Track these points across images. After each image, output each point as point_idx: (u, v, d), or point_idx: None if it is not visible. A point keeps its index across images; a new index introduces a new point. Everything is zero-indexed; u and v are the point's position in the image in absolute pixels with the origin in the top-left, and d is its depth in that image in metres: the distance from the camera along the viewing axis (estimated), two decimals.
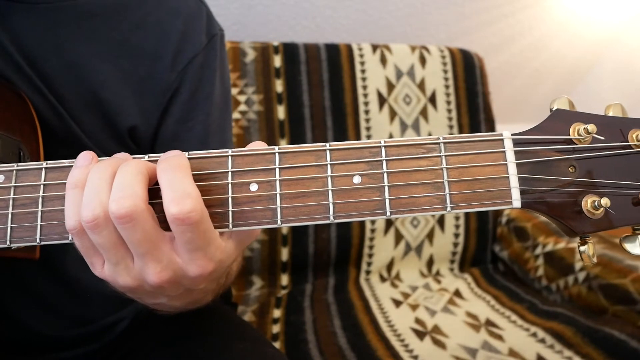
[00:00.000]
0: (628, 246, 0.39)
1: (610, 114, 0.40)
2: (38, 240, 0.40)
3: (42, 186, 0.40)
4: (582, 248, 0.39)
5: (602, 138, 0.39)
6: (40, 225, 0.40)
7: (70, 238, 0.40)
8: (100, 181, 0.37)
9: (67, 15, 0.59)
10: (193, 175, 0.38)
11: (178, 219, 0.36)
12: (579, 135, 0.39)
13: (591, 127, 0.38)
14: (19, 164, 0.41)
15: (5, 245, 0.41)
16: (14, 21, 0.57)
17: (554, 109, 0.40)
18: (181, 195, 0.36)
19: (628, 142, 0.39)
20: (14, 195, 0.41)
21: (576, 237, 0.40)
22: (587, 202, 0.38)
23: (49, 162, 0.41)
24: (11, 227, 0.40)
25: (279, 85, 1.31)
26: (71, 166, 0.40)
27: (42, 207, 0.40)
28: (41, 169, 0.41)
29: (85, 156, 0.40)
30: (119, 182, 0.37)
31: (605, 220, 0.39)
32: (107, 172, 0.38)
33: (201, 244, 0.38)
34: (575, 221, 0.39)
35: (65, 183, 0.40)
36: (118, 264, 0.39)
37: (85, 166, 0.39)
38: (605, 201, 0.38)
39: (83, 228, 0.37)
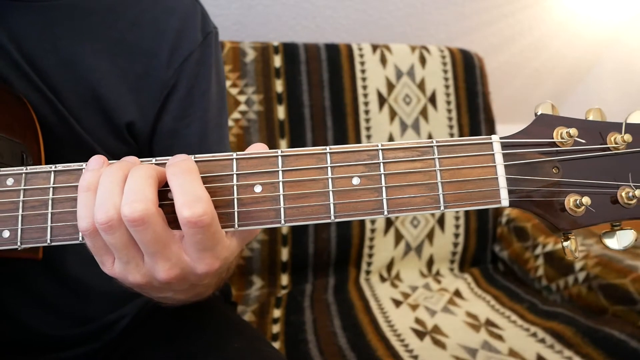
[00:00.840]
0: (607, 241, 0.42)
1: (591, 118, 0.43)
2: (49, 241, 0.41)
3: (51, 189, 0.42)
4: (565, 243, 0.42)
5: (583, 141, 0.41)
6: (51, 226, 0.41)
7: (80, 238, 0.41)
8: (113, 185, 0.38)
9: (64, 13, 0.60)
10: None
11: (191, 222, 0.37)
12: (562, 138, 0.41)
13: (573, 131, 0.41)
14: (29, 167, 0.42)
15: (15, 246, 0.42)
16: (11, 20, 0.57)
17: (538, 114, 0.43)
18: (193, 199, 0.37)
19: (607, 144, 0.42)
20: (23, 197, 0.42)
21: (559, 233, 0.42)
22: (570, 201, 0.41)
23: (58, 165, 0.42)
24: (21, 229, 0.42)
25: (279, 85, 1.31)
26: (80, 169, 0.42)
27: (52, 209, 0.41)
28: (50, 172, 0.42)
29: (97, 160, 0.41)
30: (130, 186, 0.38)
31: (586, 218, 0.41)
32: (119, 175, 0.39)
33: (210, 245, 0.39)
34: (559, 218, 0.41)
35: (74, 186, 0.41)
36: (129, 262, 0.40)
37: (97, 169, 0.40)
38: (586, 200, 0.40)
39: (96, 229, 0.38)
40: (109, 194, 0.38)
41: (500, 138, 0.41)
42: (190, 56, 0.66)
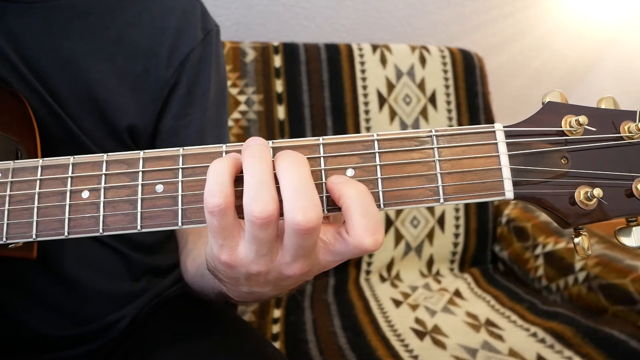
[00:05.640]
0: (623, 239, 0.39)
1: (603, 106, 0.40)
2: (34, 237, 0.40)
3: (38, 183, 0.40)
4: (576, 240, 0.39)
5: (594, 129, 0.39)
6: (37, 221, 0.40)
7: (65, 233, 0.39)
8: (266, 174, 0.35)
9: (62, 14, 0.60)
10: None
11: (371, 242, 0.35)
12: (571, 127, 0.38)
13: (583, 119, 0.38)
14: (16, 161, 0.41)
15: (2, 242, 0.41)
16: (9, 21, 0.57)
17: (545, 102, 0.40)
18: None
19: (620, 133, 0.39)
20: (10, 192, 0.41)
21: (569, 228, 0.39)
22: (580, 193, 0.38)
23: (45, 159, 0.41)
24: (7, 224, 0.40)
25: (279, 85, 1.31)
26: (67, 164, 0.40)
27: (38, 203, 0.40)
28: (37, 166, 0.41)
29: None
30: (298, 187, 0.34)
31: (599, 212, 0.38)
32: (269, 162, 0.35)
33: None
34: (568, 212, 0.38)
35: (60, 180, 0.40)
36: (266, 255, 0.36)
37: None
38: (597, 192, 0.37)
39: (228, 207, 0.34)
40: (264, 185, 0.34)
41: (504, 126, 0.39)
42: (190, 54, 0.66)
